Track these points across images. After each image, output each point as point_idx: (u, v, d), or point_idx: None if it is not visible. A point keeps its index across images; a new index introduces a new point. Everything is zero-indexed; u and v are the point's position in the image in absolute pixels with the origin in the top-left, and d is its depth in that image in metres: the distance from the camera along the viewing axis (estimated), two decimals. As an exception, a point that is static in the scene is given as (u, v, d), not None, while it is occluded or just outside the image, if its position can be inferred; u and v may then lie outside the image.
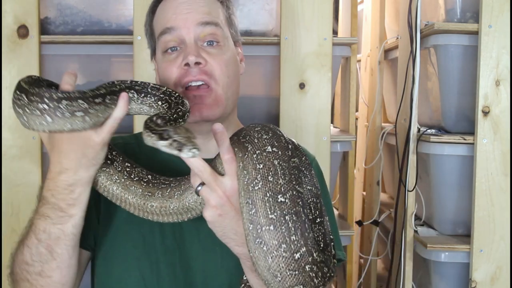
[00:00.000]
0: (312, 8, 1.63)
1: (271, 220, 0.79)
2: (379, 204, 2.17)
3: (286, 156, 0.84)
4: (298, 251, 0.79)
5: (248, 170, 0.83)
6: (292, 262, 0.79)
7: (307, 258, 0.80)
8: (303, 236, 0.80)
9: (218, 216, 0.86)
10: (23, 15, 1.61)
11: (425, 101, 1.87)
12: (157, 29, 1.06)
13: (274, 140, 0.85)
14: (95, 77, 1.74)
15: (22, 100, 0.90)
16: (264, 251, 0.79)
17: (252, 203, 0.81)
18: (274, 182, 0.81)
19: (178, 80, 1.02)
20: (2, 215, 1.63)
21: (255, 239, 0.80)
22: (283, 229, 0.79)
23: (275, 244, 0.79)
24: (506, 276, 1.65)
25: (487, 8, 1.61)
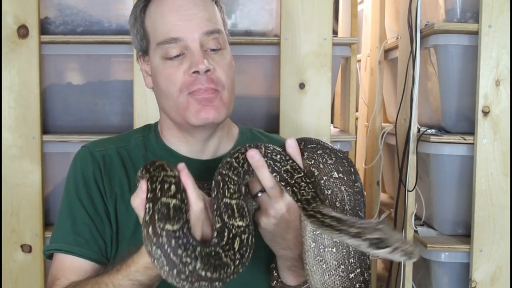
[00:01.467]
0: (312, 8, 1.63)
1: (334, 243, 0.86)
2: (379, 204, 2.17)
3: (351, 182, 0.90)
4: (354, 272, 0.87)
5: (317, 191, 0.87)
6: (346, 280, 0.87)
7: (359, 277, 0.88)
8: (359, 259, 0.88)
9: (274, 225, 0.89)
10: (23, 15, 1.61)
11: (425, 101, 1.87)
12: (156, 35, 1.03)
13: (338, 165, 0.90)
14: (95, 77, 1.74)
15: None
16: (323, 268, 0.86)
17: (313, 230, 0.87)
18: (341, 208, 0.88)
19: (184, 87, 1.00)
20: (2, 215, 1.63)
21: (316, 256, 0.87)
22: (344, 252, 0.86)
23: (334, 264, 0.86)
24: (506, 276, 1.65)
25: (487, 8, 1.61)
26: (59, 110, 1.72)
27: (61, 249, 1.02)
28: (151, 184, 0.80)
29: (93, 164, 1.07)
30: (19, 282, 1.65)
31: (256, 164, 0.83)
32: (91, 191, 1.05)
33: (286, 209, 0.87)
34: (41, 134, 1.64)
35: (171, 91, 1.02)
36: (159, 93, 1.06)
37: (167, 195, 0.77)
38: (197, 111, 1.00)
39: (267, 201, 0.87)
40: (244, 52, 1.67)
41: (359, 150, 2.47)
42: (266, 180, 0.85)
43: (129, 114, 1.69)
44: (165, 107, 1.07)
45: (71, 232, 1.02)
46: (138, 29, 1.07)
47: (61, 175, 1.72)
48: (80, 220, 1.03)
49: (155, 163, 0.83)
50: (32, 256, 1.65)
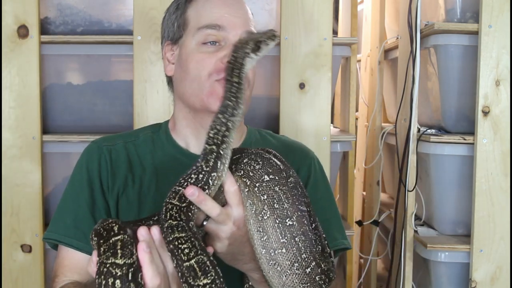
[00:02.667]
0: (312, 8, 1.63)
1: (282, 244, 0.87)
2: (379, 204, 2.17)
3: (283, 179, 0.90)
4: (309, 266, 0.87)
5: (253, 201, 0.88)
6: (304, 277, 0.87)
7: (316, 270, 0.88)
8: (311, 252, 0.87)
9: (228, 246, 0.89)
10: (23, 15, 1.61)
11: (425, 101, 1.87)
12: (200, 20, 1.06)
13: (267, 167, 0.90)
14: (95, 77, 1.74)
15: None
16: (278, 271, 0.87)
17: (264, 230, 0.87)
18: (280, 208, 0.88)
19: (215, 72, 1.03)
20: (2, 215, 1.63)
21: (269, 261, 0.87)
22: (294, 250, 0.87)
23: (288, 264, 0.87)
24: (506, 276, 1.65)
25: (487, 8, 1.61)
26: (59, 110, 1.72)
27: (62, 241, 1.06)
28: (99, 247, 0.80)
29: (98, 158, 1.09)
30: (19, 282, 1.65)
31: (198, 200, 0.84)
32: (93, 186, 1.08)
33: (235, 226, 0.88)
34: (41, 134, 1.64)
35: (200, 74, 1.05)
36: (184, 77, 1.08)
37: (116, 258, 0.77)
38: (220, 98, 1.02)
39: (215, 227, 0.88)
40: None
41: (359, 150, 2.47)
42: (211, 210, 0.85)
43: (129, 114, 1.69)
44: (187, 92, 1.08)
45: (71, 225, 1.06)
46: (177, 17, 1.10)
47: (61, 175, 1.72)
48: (81, 214, 1.06)
49: (104, 223, 0.83)
50: (32, 256, 1.65)
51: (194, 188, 0.84)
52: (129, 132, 1.19)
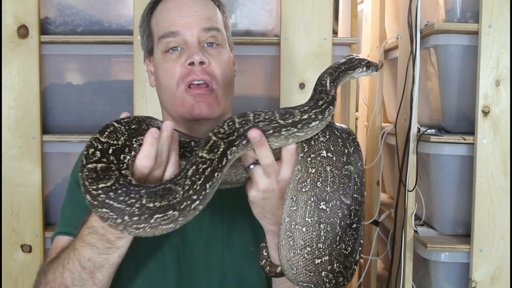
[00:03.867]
0: (312, 8, 1.63)
1: (305, 222, 0.83)
2: (379, 204, 2.17)
3: (340, 163, 0.86)
4: (320, 258, 0.83)
5: (301, 169, 0.85)
6: (310, 264, 0.83)
7: (326, 266, 0.84)
8: (330, 247, 0.83)
9: (262, 199, 0.87)
10: (23, 15, 1.61)
11: (425, 101, 1.87)
12: (159, 31, 1.08)
13: (330, 144, 0.86)
14: (95, 77, 1.74)
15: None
16: (290, 244, 0.83)
17: (296, 201, 0.84)
18: (322, 189, 0.84)
19: (181, 78, 1.05)
20: (2, 215, 1.63)
21: (286, 231, 0.84)
22: (314, 235, 0.83)
23: (301, 244, 0.83)
24: (506, 276, 1.65)
25: (487, 8, 1.61)
26: (59, 110, 1.72)
27: (61, 232, 1.07)
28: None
29: None
30: (19, 282, 1.65)
31: (258, 143, 0.81)
32: None
33: (277, 185, 0.86)
34: (41, 134, 1.64)
35: (170, 85, 1.06)
36: (160, 87, 1.11)
37: (91, 161, 0.77)
38: (191, 106, 1.04)
39: (259, 174, 0.86)
40: (244, 52, 1.67)
41: (359, 150, 2.47)
42: (264, 158, 0.83)
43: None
44: (164, 102, 1.12)
45: (71, 216, 1.07)
46: (144, 29, 1.13)
47: (61, 175, 1.72)
48: (80, 205, 1.07)
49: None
50: (32, 256, 1.65)
51: (258, 132, 0.81)
52: None
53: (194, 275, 1.03)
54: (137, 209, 0.72)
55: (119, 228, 0.74)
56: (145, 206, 0.72)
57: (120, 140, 0.81)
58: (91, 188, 0.74)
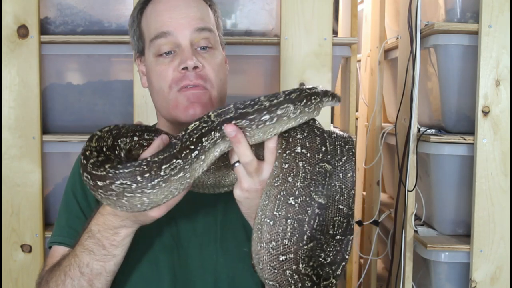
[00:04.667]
0: (312, 8, 1.63)
1: (273, 216, 0.81)
2: (379, 204, 2.17)
3: (314, 159, 0.83)
4: (285, 255, 0.81)
5: (277, 165, 0.85)
6: (274, 260, 0.81)
7: (290, 265, 0.81)
8: (295, 245, 0.80)
9: (246, 198, 0.87)
10: (23, 15, 1.61)
11: (425, 101, 1.87)
12: (150, 32, 1.07)
13: (306, 141, 0.85)
14: (95, 77, 1.74)
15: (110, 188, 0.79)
16: (258, 237, 0.82)
17: (268, 195, 0.83)
18: (292, 184, 0.82)
19: (174, 83, 1.04)
20: (2, 215, 1.63)
21: (257, 224, 0.83)
22: (280, 230, 0.81)
23: (267, 238, 0.81)
24: (506, 276, 1.65)
25: (487, 8, 1.61)
26: (59, 110, 1.72)
27: (56, 241, 1.08)
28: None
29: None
30: (19, 282, 1.65)
31: (234, 139, 0.81)
32: (86, 188, 1.09)
33: (260, 185, 0.86)
34: (41, 134, 1.64)
35: (162, 88, 1.05)
36: (152, 90, 1.10)
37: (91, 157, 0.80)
38: (185, 107, 1.03)
39: (242, 173, 0.85)
40: (244, 52, 1.68)
41: (359, 150, 2.47)
42: (242, 155, 0.83)
43: (129, 114, 1.69)
44: (157, 105, 1.11)
45: (66, 225, 1.08)
46: (135, 30, 1.11)
47: (61, 175, 1.72)
48: (74, 214, 1.08)
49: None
50: (32, 256, 1.65)
51: (234, 128, 0.81)
52: None
53: (188, 277, 1.02)
54: (145, 165, 0.76)
55: (137, 196, 0.77)
56: (151, 161, 0.77)
57: (108, 142, 0.85)
58: (100, 171, 0.77)
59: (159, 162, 0.77)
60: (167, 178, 0.77)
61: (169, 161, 0.78)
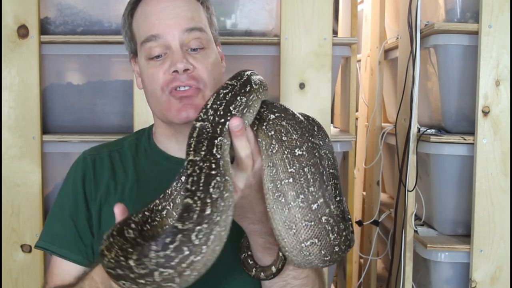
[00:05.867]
0: (312, 8, 1.63)
1: (290, 173, 0.81)
2: (379, 204, 2.17)
3: (290, 115, 0.86)
4: (316, 202, 0.81)
5: (262, 139, 0.84)
6: (308, 212, 0.80)
7: (324, 209, 0.81)
8: (321, 188, 0.81)
9: (241, 199, 0.84)
10: (23, 15, 1.61)
11: (425, 101, 1.87)
12: (140, 34, 1.06)
13: (273, 108, 0.87)
14: (95, 77, 1.74)
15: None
16: (282, 203, 0.81)
17: (273, 165, 0.83)
18: (289, 139, 0.83)
19: (165, 85, 1.03)
20: (2, 215, 1.63)
21: (274, 194, 0.82)
22: (302, 181, 0.81)
23: (293, 195, 0.81)
24: (506, 276, 1.65)
25: (487, 8, 1.61)
26: (59, 110, 1.72)
27: (49, 249, 1.09)
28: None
29: (83, 169, 1.12)
30: (19, 282, 1.65)
31: (238, 133, 0.79)
32: (77, 195, 1.10)
33: (254, 179, 0.83)
34: (41, 134, 1.64)
35: (154, 91, 1.04)
36: (146, 92, 1.10)
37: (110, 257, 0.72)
38: (178, 110, 1.02)
39: (233, 173, 0.81)
40: (244, 52, 1.67)
41: (359, 150, 2.47)
42: (244, 148, 0.80)
43: (129, 114, 1.69)
44: (151, 106, 1.11)
45: (58, 234, 1.09)
46: (126, 31, 1.11)
47: (61, 175, 1.72)
48: (66, 223, 1.09)
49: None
50: (32, 256, 1.65)
51: (240, 120, 0.78)
52: (115, 140, 1.20)
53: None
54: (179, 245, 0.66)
55: (188, 273, 0.67)
56: (181, 230, 0.67)
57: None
58: (129, 263, 0.67)
59: (193, 224, 0.68)
60: (207, 233, 0.68)
61: (198, 222, 0.68)
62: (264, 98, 0.89)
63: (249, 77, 0.86)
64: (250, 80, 0.85)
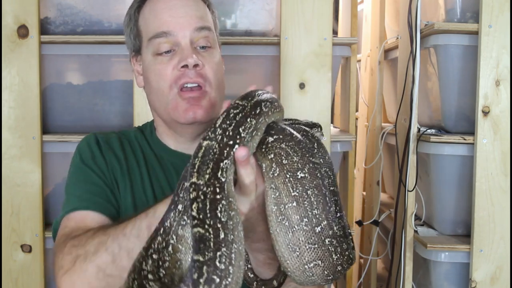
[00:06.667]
0: (312, 8, 1.63)
1: (293, 197, 0.81)
2: (379, 204, 2.17)
3: (288, 136, 0.84)
4: (319, 225, 0.81)
5: (261, 161, 0.84)
6: (312, 235, 0.81)
7: (327, 231, 0.81)
8: (324, 210, 0.82)
9: (244, 221, 0.83)
10: (23, 15, 1.61)
11: (425, 101, 1.87)
12: (149, 31, 1.06)
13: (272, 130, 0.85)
14: (95, 77, 1.74)
15: None
16: (286, 226, 0.81)
17: (276, 188, 0.82)
18: (290, 162, 0.82)
19: (174, 81, 1.03)
20: (2, 215, 1.63)
21: (278, 217, 0.82)
22: (306, 204, 0.81)
23: (297, 219, 0.81)
24: (506, 276, 1.65)
25: (487, 8, 1.61)
26: (59, 110, 1.72)
27: (78, 208, 1.02)
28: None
29: (97, 143, 1.11)
30: (19, 282, 1.65)
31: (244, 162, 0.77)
32: (97, 161, 1.08)
33: (256, 202, 0.83)
34: (41, 134, 1.64)
35: (162, 88, 1.04)
36: (150, 90, 1.09)
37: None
38: (185, 110, 1.03)
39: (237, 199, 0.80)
40: (244, 52, 1.68)
41: (359, 150, 2.47)
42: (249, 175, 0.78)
43: (129, 114, 1.69)
44: (155, 105, 1.10)
45: (85, 192, 1.04)
46: (132, 28, 1.11)
47: (61, 175, 1.72)
48: (93, 183, 1.05)
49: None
50: (32, 256, 1.65)
51: (247, 150, 0.76)
52: (120, 131, 1.21)
53: None
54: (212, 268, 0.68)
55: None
56: (204, 262, 0.68)
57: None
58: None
59: (213, 254, 0.69)
60: (229, 258, 0.70)
61: (216, 250, 0.69)
62: (274, 119, 0.87)
63: (260, 98, 0.84)
64: (261, 102, 0.83)
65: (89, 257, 0.87)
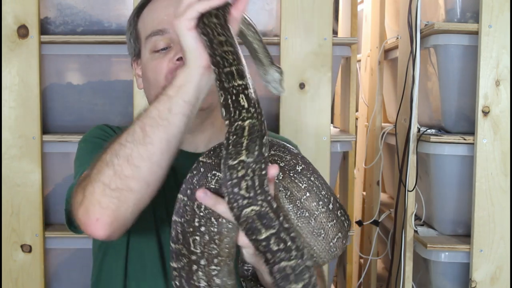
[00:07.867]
0: (312, 8, 1.63)
1: (305, 189, 0.88)
2: (379, 204, 2.17)
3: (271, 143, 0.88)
4: (330, 202, 0.88)
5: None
6: (330, 214, 0.88)
7: (335, 204, 0.89)
8: (326, 187, 0.89)
9: None
10: (23, 15, 1.61)
11: (425, 101, 1.87)
12: (146, 30, 1.08)
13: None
14: (95, 77, 1.74)
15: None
16: (306, 217, 0.87)
17: (285, 188, 0.87)
18: (286, 163, 0.88)
19: (169, 73, 1.04)
20: (2, 215, 1.63)
21: (296, 213, 0.87)
22: (315, 189, 0.88)
23: (314, 206, 0.87)
24: (506, 276, 1.65)
25: (487, 8, 1.61)
26: (59, 110, 1.72)
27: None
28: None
29: (107, 126, 1.15)
30: (19, 282, 1.65)
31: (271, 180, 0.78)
32: (109, 137, 1.09)
33: None
34: (41, 134, 1.64)
35: (158, 80, 1.05)
36: (148, 87, 1.10)
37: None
38: None
39: None
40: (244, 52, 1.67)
41: (359, 150, 2.47)
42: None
43: (129, 114, 1.69)
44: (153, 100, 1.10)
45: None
46: (131, 32, 1.13)
47: (61, 175, 1.72)
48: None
49: None
50: (32, 256, 1.65)
51: (277, 168, 0.76)
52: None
53: None
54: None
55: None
56: (276, 233, 0.70)
57: None
58: None
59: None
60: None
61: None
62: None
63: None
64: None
65: (93, 178, 0.85)
